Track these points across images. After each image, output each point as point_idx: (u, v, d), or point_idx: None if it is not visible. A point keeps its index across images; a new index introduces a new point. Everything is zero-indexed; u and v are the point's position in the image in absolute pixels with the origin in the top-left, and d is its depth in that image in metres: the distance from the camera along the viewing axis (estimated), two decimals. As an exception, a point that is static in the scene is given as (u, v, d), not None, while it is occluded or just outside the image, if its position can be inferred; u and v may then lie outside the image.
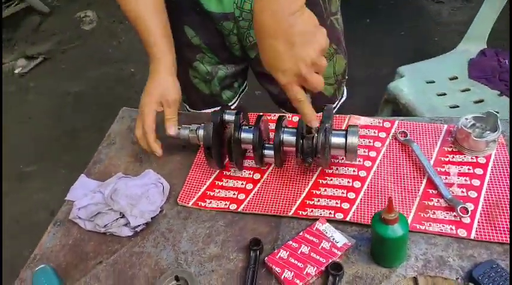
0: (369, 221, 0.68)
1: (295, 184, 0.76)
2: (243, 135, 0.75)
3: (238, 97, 1.07)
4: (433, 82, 1.29)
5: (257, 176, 0.79)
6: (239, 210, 0.74)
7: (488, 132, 0.74)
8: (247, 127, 0.76)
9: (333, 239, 0.65)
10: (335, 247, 0.64)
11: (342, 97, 1.03)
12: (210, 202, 0.76)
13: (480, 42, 1.33)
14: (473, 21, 1.31)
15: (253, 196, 0.75)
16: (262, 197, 0.75)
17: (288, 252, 0.64)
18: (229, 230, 0.72)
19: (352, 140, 0.70)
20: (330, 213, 0.70)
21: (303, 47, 0.57)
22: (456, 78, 1.29)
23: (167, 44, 0.81)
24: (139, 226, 0.71)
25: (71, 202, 0.80)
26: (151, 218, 0.73)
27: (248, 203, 0.74)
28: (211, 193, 0.77)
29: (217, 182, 0.79)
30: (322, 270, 0.62)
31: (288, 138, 0.73)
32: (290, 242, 0.66)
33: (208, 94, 1.00)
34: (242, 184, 0.78)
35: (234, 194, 0.77)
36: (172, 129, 0.78)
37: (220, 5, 0.83)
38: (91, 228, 0.74)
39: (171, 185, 0.80)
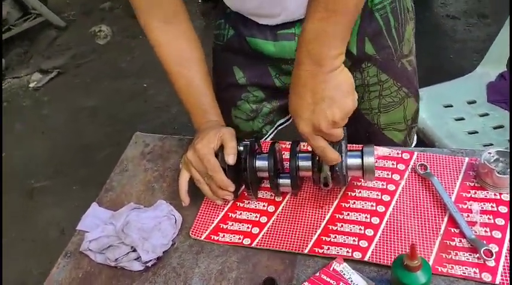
0: (389, 261, 0.65)
1: (311, 218, 0.74)
2: (258, 163, 0.73)
3: (275, 129, 1.05)
4: (451, 106, 1.26)
5: (271, 208, 0.77)
6: (253, 245, 0.72)
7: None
8: (263, 155, 0.74)
9: (351, 281, 0.63)
10: (353, 290, 0.62)
11: (413, 143, 0.99)
12: (223, 236, 0.74)
13: (499, 65, 1.30)
14: (492, 44, 1.29)
15: (268, 230, 0.74)
16: (276, 231, 0.73)
17: (303, 295, 0.62)
18: (242, 266, 0.70)
19: (369, 159, 0.68)
20: (348, 251, 0.68)
21: (329, 106, 0.58)
22: (474, 101, 1.26)
23: (218, 109, 0.81)
24: (150, 260, 0.70)
25: (82, 232, 0.79)
26: (163, 251, 0.72)
27: (262, 237, 0.73)
28: (225, 226, 0.76)
29: (230, 214, 0.77)
30: (339, 315, 0.60)
31: (304, 163, 0.72)
32: (306, 284, 0.63)
33: (249, 132, 0.99)
34: (256, 216, 0.76)
35: (247, 227, 0.75)
36: (232, 158, 0.72)
37: (281, 52, 0.83)
38: (102, 261, 0.72)
39: (183, 216, 0.78)
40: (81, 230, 0.80)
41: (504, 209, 0.70)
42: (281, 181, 0.74)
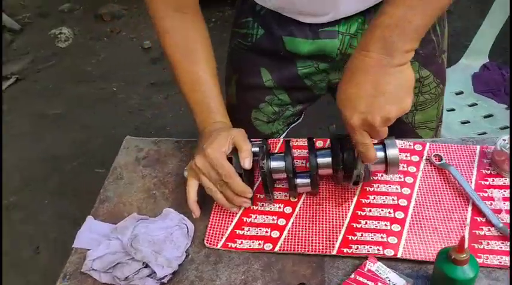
0: (422, 257, 0.63)
1: (332, 217, 0.70)
2: (274, 164, 0.68)
3: (288, 128, 1.00)
4: (441, 97, 1.27)
5: (288, 209, 0.73)
6: (275, 250, 0.67)
7: (531, 154, 0.71)
8: (277, 155, 0.69)
9: (389, 280, 0.59)
10: (392, 290, 0.58)
11: None
12: (241, 243, 0.69)
13: (482, 57, 1.32)
14: (475, 36, 1.31)
15: (289, 233, 0.69)
16: (298, 234, 0.69)
17: (341, 300, 0.58)
18: (267, 274, 0.65)
19: (393, 151, 0.66)
20: (379, 249, 0.64)
21: (388, 102, 0.54)
22: (462, 92, 1.28)
23: (225, 110, 0.75)
24: (166, 276, 0.63)
25: (80, 250, 0.71)
26: (178, 265, 0.65)
27: (284, 241, 0.68)
28: (241, 232, 0.70)
29: (245, 218, 0.72)
30: (382, 318, 0.56)
31: (323, 160, 0.68)
32: (342, 287, 0.59)
33: (268, 134, 0.93)
34: (273, 219, 0.71)
35: (266, 231, 0.70)
36: (248, 162, 0.66)
37: (322, 50, 0.78)
38: (108, 281, 0.65)
39: (194, 225, 0.72)
40: (78, 248, 0.72)
41: (525, 195, 0.69)
42: (299, 181, 0.69)
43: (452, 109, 1.22)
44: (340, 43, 0.77)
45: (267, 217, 0.72)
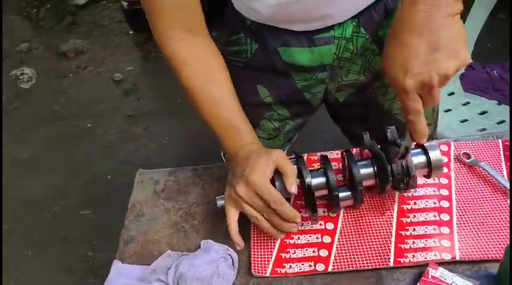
0: (481, 255, 0.61)
1: (378, 228, 0.68)
2: (316, 181, 0.65)
3: (289, 144, 0.98)
4: (435, 99, 1.31)
5: (330, 226, 0.70)
6: (329, 270, 0.63)
7: (556, 141, 0.73)
8: (316, 171, 0.67)
9: (456, 284, 0.57)
10: (463, 295, 0.56)
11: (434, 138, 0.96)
12: (290, 267, 0.65)
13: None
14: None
15: (337, 250, 0.66)
16: (348, 249, 0.66)
17: (415, 312, 0.55)
18: (325, 297, 0.61)
19: (435, 154, 0.65)
20: (436, 255, 0.62)
21: (445, 57, 0.51)
22: (453, 93, 1.32)
23: (253, 130, 0.71)
24: (220, 314, 0.58)
25: (113, 298, 0.64)
26: (230, 300, 0.60)
27: (336, 259, 0.65)
28: (287, 255, 0.66)
29: (287, 241, 0.68)
30: (461, 326, 0.54)
31: (366, 170, 0.66)
32: (411, 299, 0.57)
33: None
34: (317, 237, 0.68)
35: (314, 251, 0.66)
36: (295, 187, 0.62)
37: (318, 58, 0.76)
38: (155, 328, 0.59)
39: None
40: (111, 297, 0.65)
41: (559, 182, 0.71)
42: (341, 195, 0.67)
43: (449, 110, 1.26)
44: (337, 48, 0.76)
45: (311, 236, 0.68)
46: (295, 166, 0.65)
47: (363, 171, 0.66)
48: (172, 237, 0.73)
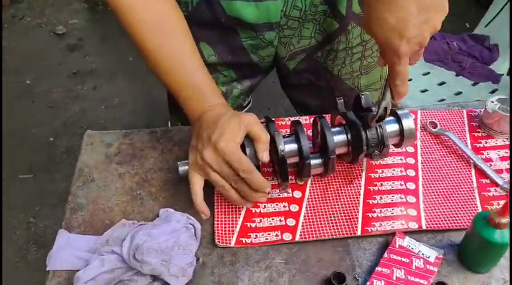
0: (445, 225, 0.62)
1: (345, 196, 0.66)
2: (288, 148, 0.61)
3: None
4: (397, 68, 1.31)
5: (298, 194, 0.67)
6: (296, 239, 0.61)
7: (518, 113, 0.74)
8: (288, 138, 0.63)
9: (422, 254, 0.57)
10: (429, 263, 0.56)
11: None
12: (256, 236, 0.61)
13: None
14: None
15: (305, 219, 0.63)
16: (316, 218, 0.63)
17: (383, 282, 0.54)
18: (292, 267, 0.59)
19: (409, 123, 0.63)
20: (402, 223, 0.62)
21: (433, 12, 0.51)
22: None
23: (218, 89, 0.64)
24: (181, 287, 0.54)
25: (59, 273, 0.58)
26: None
27: (303, 229, 0.62)
28: (253, 225, 0.63)
29: (253, 209, 0.65)
30: (426, 293, 0.54)
31: (339, 138, 0.63)
32: (379, 269, 0.56)
33: None
34: (285, 206, 0.65)
35: (281, 220, 0.63)
36: (267, 155, 0.58)
37: (265, 15, 0.70)
38: (108, 305, 0.53)
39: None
40: (57, 271, 0.58)
41: (517, 153, 0.72)
42: (312, 163, 0.63)
43: (410, 79, 1.26)
44: (284, 4, 0.71)
45: (277, 205, 0.65)
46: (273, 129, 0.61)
47: (337, 139, 0.62)
48: (126, 205, 0.66)
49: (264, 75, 0.88)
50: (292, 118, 0.78)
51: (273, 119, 0.65)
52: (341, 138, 0.63)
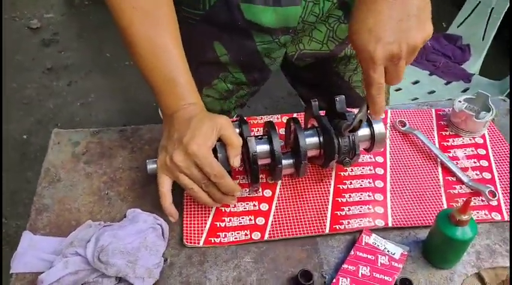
0: (410, 222, 0.63)
1: (315, 194, 0.67)
2: (260, 149, 0.61)
3: (239, 110, 0.92)
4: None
5: (268, 192, 0.67)
6: (265, 238, 0.61)
7: (484, 112, 0.76)
8: (260, 139, 0.63)
9: (388, 251, 0.58)
10: (393, 260, 0.57)
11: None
12: (225, 236, 0.61)
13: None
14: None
15: (275, 218, 0.64)
16: (285, 217, 0.64)
17: (349, 279, 0.55)
18: (260, 266, 0.59)
19: (379, 128, 0.63)
20: (369, 221, 0.63)
21: (414, 27, 0.49)
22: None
23: (195, 87, 0.62)
24: (147, 288, 0.53)
25: (22, 275, 0.57)
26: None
27: (272, 227, 0.62)
28: (222, 224, 0.63)
29: (223, 209, 0.65)
30: (391, 290, 0.55)
31: (311, 141, 0.63)
32: (346, 266, 0.56)
33: (217, 111, 0.83)
34: (255, 205, 0.65)
35: (250, 219, 0.63)
36: (238, 160, 0.57)
37: (284, 20, 0.70)
38: (72, 307, 0.52)
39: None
40: (20, 274, 0.57)
41: (483, 152, 0.74)
42: (284, 163, 0.63)
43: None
44: (303, 10, 0.71)
45: (248, 204, 0.65)
46: (238, 131, 0.61)
47: (309, 142, 0.62)
48: (94, 205, 0.65)
49: (268, 77, 0.86)
50: (265, 117, 0.79)
51: (246, 119, 0.65)
52: (313, 140, 0.63)
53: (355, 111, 0.59)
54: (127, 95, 1.97)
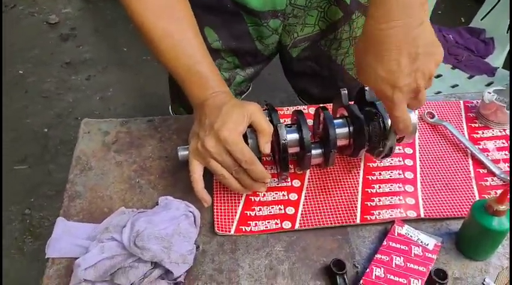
0: (443, 213, 0.62)
1: (344, 185, 0.67)
2: (290, 137, 0.61)
3: (240, 99, 0.92)
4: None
5: (297, 183, 0.67)
6: (296, 227, 0.61)
7: (515, 104, 0.74)
8: (290, 128, 0.63)
9: (421, 242, 0.58)
10: (427, 251, 0.57)
11: None
12: (256, 225, 0.62)
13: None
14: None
15: (305, 208, 0.64)
16: (315, 207, 0.64)
17: (382, 269, 0.55)
18: (292, 254, 0.59)
19: (413, 118, 0.62)
20: (401, 212, 0.62)
21: (425, 60, 0.51)
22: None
23: (221, 76, 0.63)
24: (181, 275, 0.54)
25: (58, 260, 0.58)
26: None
27: (302, 217, 0.62)
28: (252, 213, 0.63)
29: (252, 198, 0.65)
30: (425, 280, 0.54)
31: (341, 131, 0.63)
32: (379, 256, 0.56)
33: None
34: (284, 195, 0.65)
35: (280, 209, 0.63)
36: (269, 147, 0.58)
37: (270, 2, 0.70)
38: (108, 292, 0.53)
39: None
40: (56, 259, 0.58)
41: (514, 144, 0.73)
42: (313, 153, 0.63)
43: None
44: None
45: (277, 194, 0.65)
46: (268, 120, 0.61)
47: (338, 132, 0.62)
48: (125, 193, 0.66)
49: (267, 62, 0.88)
50: (291, 108, 0.79)
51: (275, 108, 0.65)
52: (343, 130, 0.63)
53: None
54: (144, 89, 1.98)
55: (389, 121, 0.61)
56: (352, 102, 0.67)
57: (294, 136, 0.61)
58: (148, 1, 0.61)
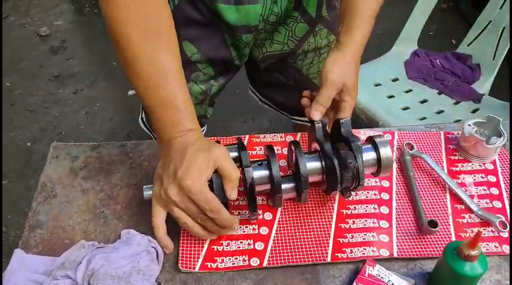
0: (417, 253, 0.60)
1: (317, 219, 0.64)
2: (257, 174, 0.59)
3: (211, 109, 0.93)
4: (380, 84, 1.30)
5: (268, 216, 0.65)
6: (264, 265, 0.59)
7: (495, 137, 0.73)
8: (258, 164, 0.60)
9: (392, 283, 0.55)
10: (398, 294, 0.54)
11: None
12: (223, 261, 0.59)
13: (412, 44, 1.38)
14: (405, 25, 1.36)
15: (275, 243, 0.61)
16: (286, 242, 0.61)
17: (350, 313, 0.52)
18: (258, 294, 0.56)
19: (386, 152, 0.61)
20: (373, 250, 0.60)
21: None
22: (397, 79, 1.32)
23: (194, 112, 0.60)
24: (139, 316, 0.51)
25: (11, 296, 0.55)
26: (151, 299, 0.53)
27: (272, 253, 0.60)
28: (220, 248, 0.60)
29: (221, 231, 0.62)
30: (395, 326, 0.52)
31: (314, 166, 0.61)
32: (347, 299, 0.54)
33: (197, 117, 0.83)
34: (254, 228, 0.63)
35: (249, 244, 0.61)
36: (235, 193, 0.56)
37: (244, 18, 0.72)
38: (59, 333, 0.50)
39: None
40: (8, 295, 0.55)
41: (493, 178, 0.71)
42: (284, 188, 0.61)
43: (392, 96, 1.26)
44: (262, 9, 0.72)
45: (247, 227, 0.63)
46: (236, 155, 0.59)
47: (310, 167, 0.60)
48: (88, 224, 0.63)
49: (235, 72, 0.89)
50: (268, 136, 0.77)
51: (245, 136, 0.63)
52: (315, 166, 0.61)
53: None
54: (132, 105, 1.96)
55: (362, 164, 0.59)
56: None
57: (264, 174, 0.59)
58: (138, 25, 0.57)
